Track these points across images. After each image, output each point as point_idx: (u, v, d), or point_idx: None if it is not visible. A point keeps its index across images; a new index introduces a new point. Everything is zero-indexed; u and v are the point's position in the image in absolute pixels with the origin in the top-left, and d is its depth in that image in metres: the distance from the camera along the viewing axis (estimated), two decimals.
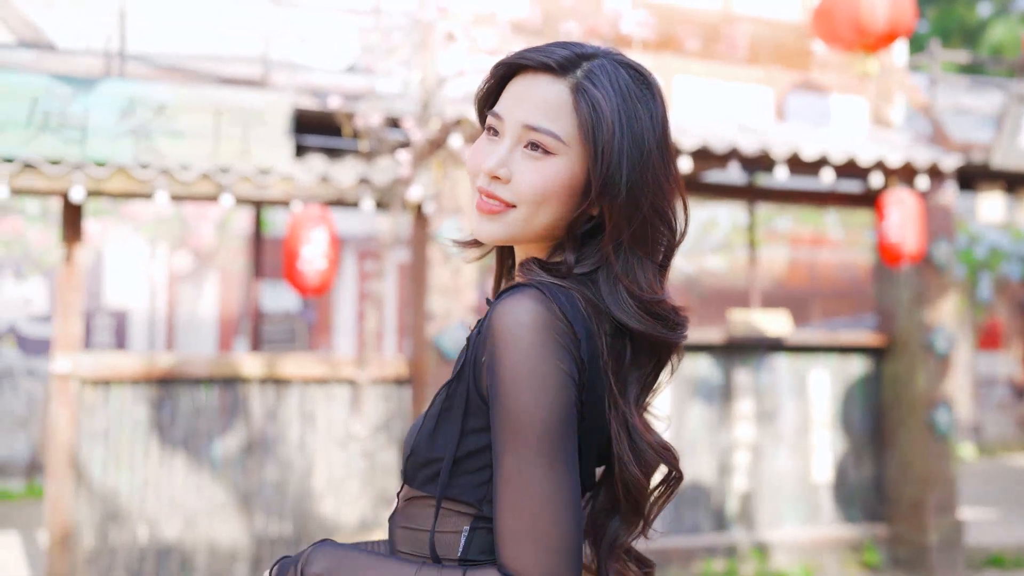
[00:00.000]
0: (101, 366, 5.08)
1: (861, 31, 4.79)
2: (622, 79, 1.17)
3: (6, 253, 9.56)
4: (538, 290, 1.10)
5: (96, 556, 5.01)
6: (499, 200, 1.16)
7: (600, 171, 1.13)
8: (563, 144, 1.15)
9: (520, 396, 1.07)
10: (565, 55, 1.17)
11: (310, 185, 5.01)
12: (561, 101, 1.15)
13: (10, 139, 4.59)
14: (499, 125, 1.18)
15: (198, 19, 5.41)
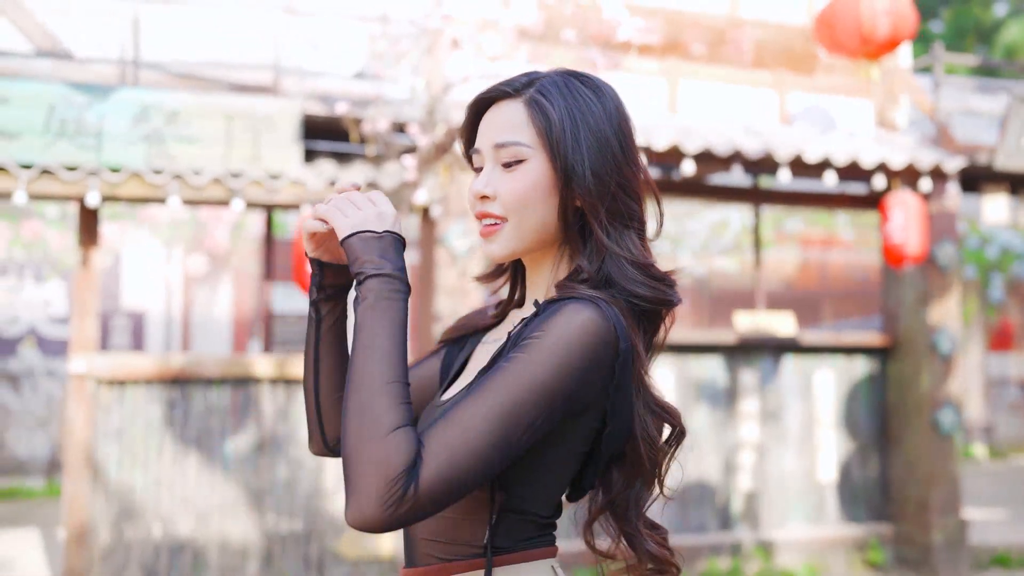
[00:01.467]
0: (116, 367, 5.20)
1: (862, 38, 4.84)
2: (570, 85, 1.31)
3: (26, 256, 9.74)
4: (595, 304, 1.21)
5: (111, 552, 5.13)
6: (492, 216, 1.30)
7: (561, 161, 1.27)
8: (528, 149, 1.28)
9: (539, 359, 1.17)
10: (520, 80, 1.33)
11: (319, 189, 5.12)
12: (519, 115, 1.30)
13: (28, 146, 4.72)
14: (479, 158, 1.33)
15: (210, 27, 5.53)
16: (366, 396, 1.13)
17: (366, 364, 1.15)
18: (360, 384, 1.14)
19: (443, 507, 1.13)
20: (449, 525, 1.27)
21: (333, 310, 1.36)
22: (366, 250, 1.21)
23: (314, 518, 5.42)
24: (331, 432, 1.40)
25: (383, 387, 1.14)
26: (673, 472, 1.38)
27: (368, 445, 1.10)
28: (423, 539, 1.30)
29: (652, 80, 6.17)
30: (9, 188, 4.70)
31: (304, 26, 5.33)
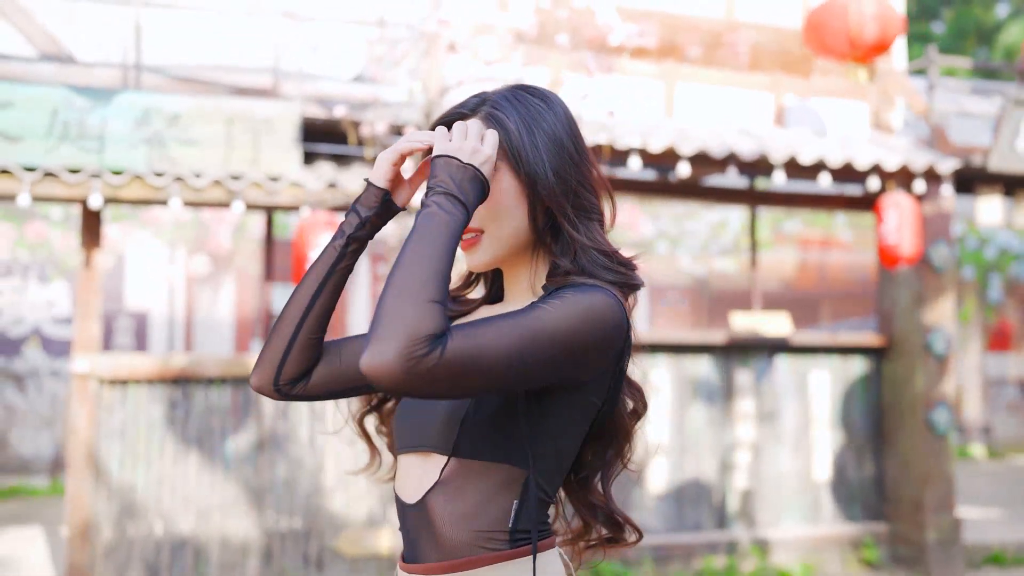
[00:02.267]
0: (119, 366, 5.27)
1: (851, 42, 4.91)
2: (520, 97, 1.40)
3: (31, 257, 9.82)
4: (607, 291, 1.31)
5: (114, 549, 5.20)
6: (470, 230, 1.37)
7: (525, 167, 1.36)
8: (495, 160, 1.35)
9: (562, 312, 1.25)
10: (473, 101, 1.41)
11: (318, 191, 5.19)
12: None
13: (32, 149, 4.79)
14: None
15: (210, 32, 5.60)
16: (413, 271, 1.18)
17: (418, 252, 1.20)
18: (408, 263, 1.19)
19: (452, 387, 1.17)
20: (475, 510, 1.30)
21: (355, 253, 1.39)
22: (447, 171, 1.27)
23: (313, 516, 5.49)
24: (289, 370, 1.39)
25: (430, 272, 1.19)
26: (635, 446, 1.47)
27: (405, 304, 1.15)
28: (445, 530, 1.31)
29: (648, 83, 6.23)
30: (13, 190, 4.77)
31: (303, 30, 5.40)
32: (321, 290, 1.37)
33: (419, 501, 1.34)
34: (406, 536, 1.38)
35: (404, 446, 1.39)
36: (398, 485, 1.41)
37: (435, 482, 1.33)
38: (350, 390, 1.46)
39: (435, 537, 1.32)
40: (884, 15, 4.94)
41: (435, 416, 1.34)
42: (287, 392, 1.42)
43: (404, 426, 1.40)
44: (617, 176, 6.27)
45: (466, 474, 1.32)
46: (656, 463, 6.10)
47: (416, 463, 1.37)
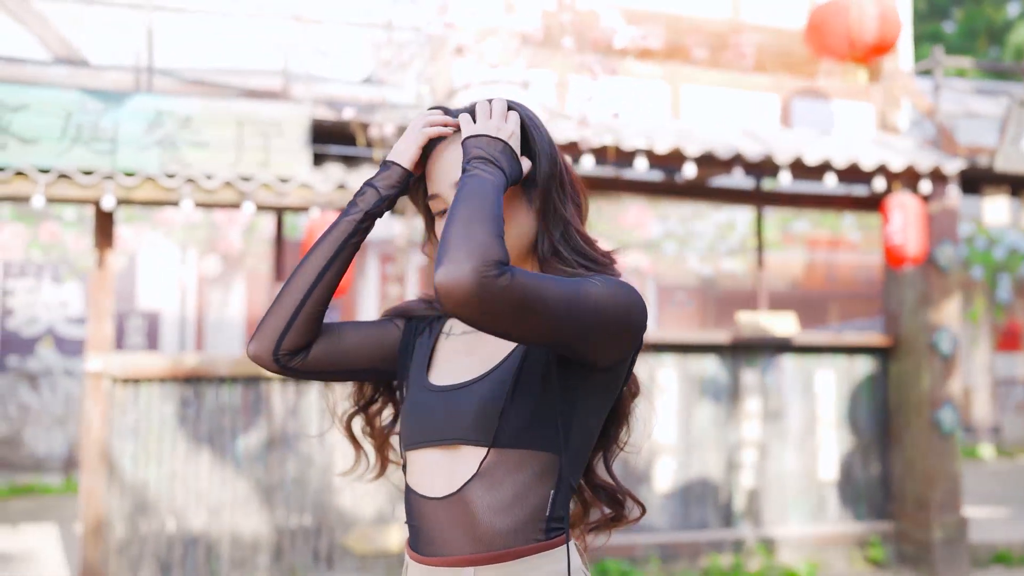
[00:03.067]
0: (131, 365, 5.34)
1: (852, 43, 4.95)
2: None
3: (44, 257, 9.93)
4: (630, 284, 1.37)
5: (127, 545, 5.28)
6: None
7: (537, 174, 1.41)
8: None
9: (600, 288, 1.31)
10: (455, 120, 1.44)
11: (328, 192, 5.25)
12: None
13: (46, 151, 4.88)
14: (440, 202, 1.42)
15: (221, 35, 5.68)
16: (475, 208, 1.23)
17: (474, 200, 1.24)
18: (469, 204, 1.23)
19: (510, 316, 1.20)
20: (515, 500, 1.32)
21: (367, 230, 1.41)
22: (479, 146, 1.33)
23: (323, 513, 5.55)
24: (291, 341, 1.40)
25: (491, 213, 1.24)
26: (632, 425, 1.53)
27: (475, 231, 1.20)
28: (484, 522, 1.32)
29: (654, 84, 6.27)
30: (28, 192, 4.85)
31: (312, 33, 5.46)
32: (332, 262, 1.39)
33: (452, 495, 1.34)
34: (426, 530, 1.37)
35: (421, 441, 1.39)
36: (414, 480, 1.40)
37: (473, 474, 1.33)
38: (344, 373, 1.48)
39: (472, 529, 1.32)
40: (885, 16, 4.97)
41: (466, 409, 1.35)
42: (284, 363, 1.41)
43: (420, 422, 1.40)
44: (624, 177, 6.32)
45: (506, 465, 1.33)
46: (662, 462, 6.14)
47: (440, 457, 1.37)
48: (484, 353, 1.42)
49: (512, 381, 1.34)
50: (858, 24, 5.02)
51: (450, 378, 1.42)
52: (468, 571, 1.31)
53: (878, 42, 5.02)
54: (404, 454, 1.45)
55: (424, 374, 1.45)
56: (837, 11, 5.11)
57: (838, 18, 5.13)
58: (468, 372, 1.41)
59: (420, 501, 1.38)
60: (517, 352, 1.37)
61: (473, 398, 1.35)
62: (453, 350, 1.47)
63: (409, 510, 1.42)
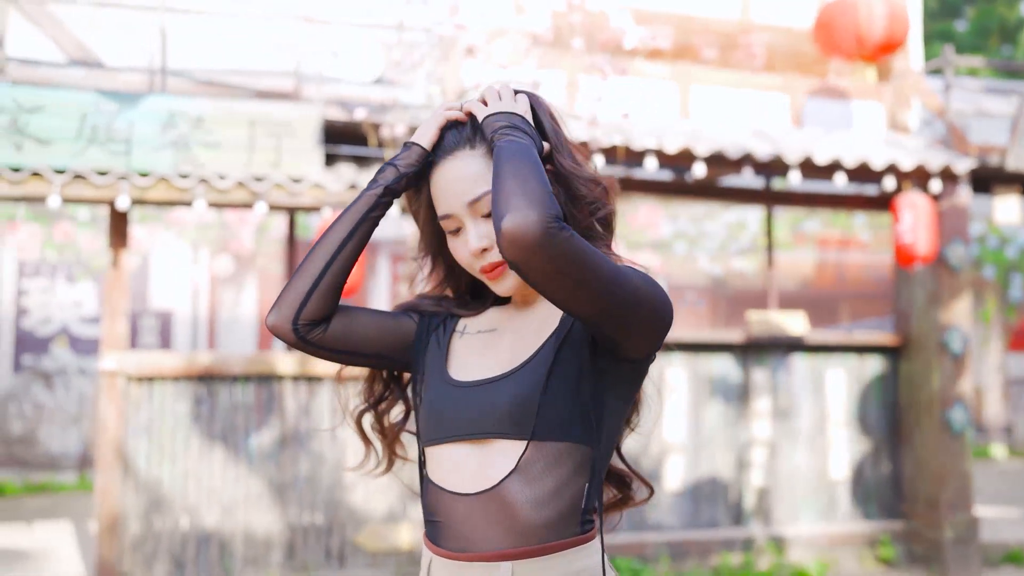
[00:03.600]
0: (145, 364, 5.40)
1: (860, 41, 4.95)
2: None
3: (59, 257, 10.01)
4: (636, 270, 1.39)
5: (141, 542, 5.33)
6: (496, 264, 1.40)
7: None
8: None
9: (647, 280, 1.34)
10: (459, 135, 1.42)
11: (339, 192, 5.29)
12: (478, 164, 1.40)
13: (62, 151, 4.93)
14: (453, 221, 1.42)
15: (234, 37, 5.72)
16: (525, 165, 1.25)
17: (520, 160, 1.26)
18: (516, 162, 1.25)
19: (564, 271, 1.22)
20: (554, 493, 1.32)
21: (386, 205, 1.43)
22: (501, 119, 1.34)
23: (335, 510, 5.59)
24: (310, 311, 1.40)
25: (540, 170, 1.26)
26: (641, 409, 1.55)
27: (534, 186, 1.22)
28: (523, 516, 1.31)
29: (663, 85, 6.29)
30: (44, 192, 4.91)
31: (324, 34, 5.50)
32: (352, 234, 1.40)
33: (488, 490, 1.34)
34: (455, 526, 1.36)
35: (447, 436, 1.39)
36: (440, 476, 1.39)
37: (512, 469, 1.33)
38: (358, 356, 1.48)
39: (511, 524, 1.32)
40: (894, 14, 4.98)
41: (501, 403, 1.35)
42: (303, 334, 1.42)
43: (445, 417, 1.40)
44: (634, 177, 6.34)
45: (545, 458, 1.33)
46: (672, 461, 6.16)
47: (469, 452, 1.37)
48: (507, 350, 1.43)
49: (546, 374, 1.34)
50: (866, 22, 5.03)
51: (473, 374, 1.42)
52: (505, 566, 1.31)
53: (887, 40, 5.03)
54: (423, 450, 1.44)
55: (444, 370, 1.45)
56: (845, 9, 5.12)
57: (846, 16, 5.13)
58: (492, 368, 1.41)
59: (448, 497, 1.37)
60: (549, 346, 1.38)
61: (506, 392, 1.35)
62: (471, 348, 1.48)
63: (433, 506, 1.40)
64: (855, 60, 5.17)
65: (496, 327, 1.49)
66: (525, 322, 1.46)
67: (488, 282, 1.43)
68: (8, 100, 4.86)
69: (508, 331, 1.47)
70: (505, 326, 1.48)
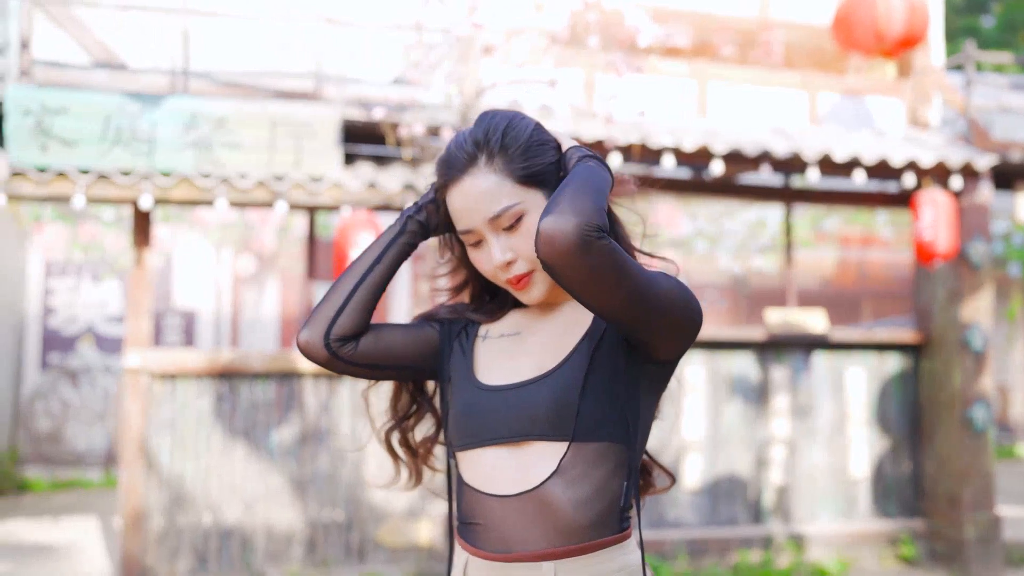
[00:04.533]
0: (168, 361, 5.47)
1: (879, 37, 4.94)
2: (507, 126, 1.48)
3: (84, 257, 10.15)
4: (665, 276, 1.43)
5: (164, 537, 5.41)
6: (522, 276, 1.42)
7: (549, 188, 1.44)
8: (521, 202, 1.41)
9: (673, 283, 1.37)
10: (468, 152, 1.43)
11: (358, 191, 5.34)
12: (493, 180, 1.41)
13: (86, 152, 5.02)
14: (474, 235, 1.44)
15: (254, 38, 5.79)
16: (591, 181, 1.30)
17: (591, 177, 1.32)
18: (586, 178, 1.30)
19: (600, 277, 1.26)
20: (596, 493, 1.35)
21: (415, 237, 1.48)
22: (586, 151, 1.41)
23: (355, 507, 5.65)
24: (342, 327, 1.43)
25: (600, 190, 1.30)
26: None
27: (586, 199, 1.26)
28: (565, 516, 1.34)
29: (681, 82, 6.29)
30: (69, 192, 5.00)
31: (344, 35, 5.56)
32: (381, 258, 1.45)
33: (528, 491, 1.35)
34: (494, 527, 1.38)
35: (482, 440, 1.40)
36: (476, 479, 1.41)
37: (553, 471, 1.35)
38: (388, 369, 1.50)
39: (554, 524, 1.34)
40: (913, 10, 4.96)
41: (538, 406, 1.37)
42: (335, 350, 1.44)
43: (478, 421, 1.41)
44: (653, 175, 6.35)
45: (585, 459, 1.35)
46: (691, 459, 6.16)
47: (506, 455, 1.38)
48: (536, 353, 1.45)
49: (584, 376, 1.36)
50: (885, 18, 5.01)
51: (503, 378, 1.44)
52: (548, 566, 1.33)
53: (906, 36, 5.01)
54: (455, 454, 1.46)
55: (472, 374, 1.47)
56: (864, 5, 5.11)
57: (866, 12, 5.12)
58: (522, 371, 1.43)
59: (486, 499, 1.39)
60: (583, 348, 1.40)
61: (544, 395, 1.37)
62: (496, 352, 1.50)
63: (469, 509, 1.42)
64: (874, 56, 5.16)
65: (520, 330, 1.51)
66: (551, 324, 1.49)
67: (515, 292, 1.45)
68: (34, 102, 4.95)
69: (533, 334, 1.49)
70: (529, 329, 1.50)
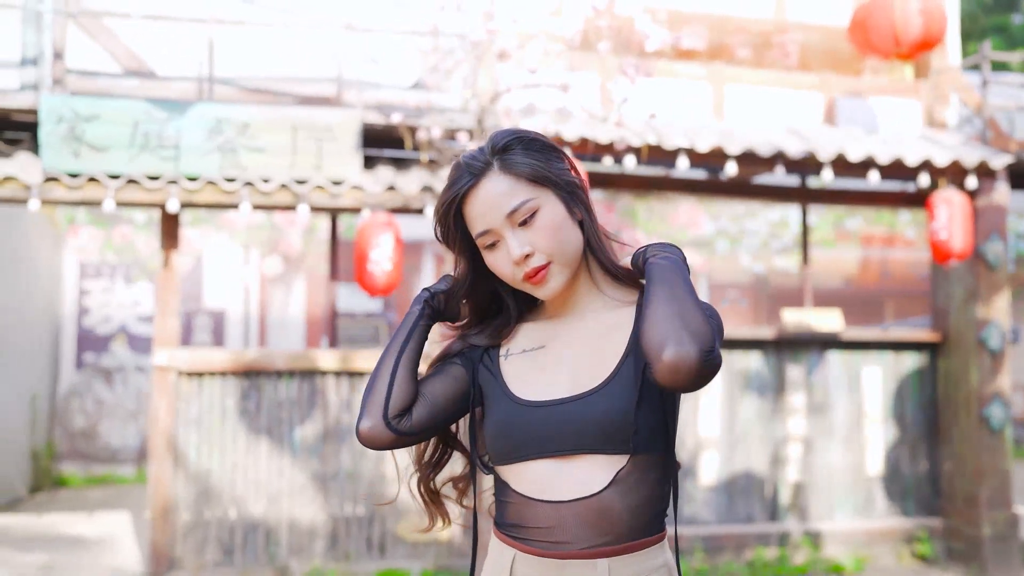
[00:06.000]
0: (195, 360, 5.64)
1: (896, 40, 4.98)
2: (514, 134, 1.57)
3: (118, 259, 10.40)
4: None
5: (192, 530, 5.58)
6: (539, 268, 1.50)
7: (561, 187, 1.53)
8: (535, 198, 1.50)
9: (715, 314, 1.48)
10: (481, 160, 1.53)
11: (378, 193, 5.48)
12: (507, 182, 1.51)
13: (116, 158, 5.20)
14: (490, 236, 1.52)
15: (277, 45, 5.95)
16: (681, 291, 1.38)
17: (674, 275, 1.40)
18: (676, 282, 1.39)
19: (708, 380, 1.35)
20: (650, 499, 1.45)
21: (431, 320, 1.58)
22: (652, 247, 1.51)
23: (376, 502, 5.78)
24: (395, 405, 1.51)
25: (694, 295, 1.40)
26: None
27: (694, 316, 1.34)
28: (624, 520, 1.42)
29: (697, 85, 6.37)
30: (99, 196, 5.18)
31: (364, 42, 5.69)
32: (408, 342, 1.55)
33: (585, 498, 1.42)
34: (545, 529, 1.44)
35: (531, 454, 1.46)
36: (525, 488, 1.46)
37: (610, 482, 1.42)
38: (444, 422, 1.59)
39: (607, 528, 1.42)
40: (930, 11, 4.99)
41: (590, 420, 1.44)
42: (396, 426, 1.52)
43: (524, 435, 1.47)
44: (671, 176, 6.43)
45: (640, 470, 1.44)
46: (707, 456, 6.23)
47: (558, 466, 1.44)
48: (570, 365, 1.52)
49: (638, 391, 1.44)
50: (902, 20, 5.05)
51: (541, 393, 1.49)
52: (603, 563, 1.41)
53: (923, 38, 5.04)
54: (499, 467, 1.52)
55: (508, 391, 1.53)
56: (881, 7, 5.14)
57: (882, 14, 5.16)
58: (563, 384, 1.49)
59: (538, 505, 1.45)
60: (631, 364, 1.47)
61: (595, 411, 1.44)
62: (526, 368, 1.56)
63: (518, 515, 1.47)
64: (891, 59, 5.19)
65: (544, 343, 1.57)
66: (578, 335, 1.55)
67: (531, 288, 1.52)
68: (67, 110, 5.14)
69: (560, 345, 1.55)
70: (554, 341, 1.56)
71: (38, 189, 5.14)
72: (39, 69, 5.44)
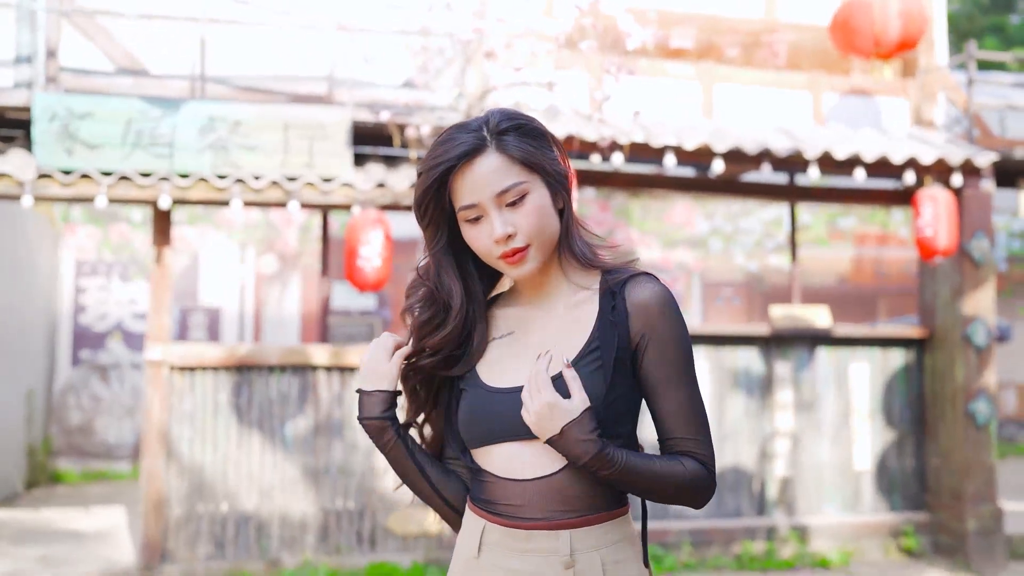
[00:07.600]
0: (188, 354, 5.70)
1: (876, 40, 5.04)
2: (509, 115, 1.58)
3: (114, 257, 10.47)
4: (655, 276, 1.56)
5: (184, 523, 5.64)
6: (518, 249, 1.54)
7: (552, 175, 1.57)
8: (526, 181, 1.54)
9: (687, 346, 1.55)
10: (479, 135, 1.54)
11: (368, 190, 5.54)
12: (501, 161, 1.53)
13: (109, 155, 5.26)
14: (475, 211, 1.54)
15: (270, 45, 6.01)
16: (648, 479, 1.51)
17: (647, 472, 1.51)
18: (653, 482, 1.51)
19: None
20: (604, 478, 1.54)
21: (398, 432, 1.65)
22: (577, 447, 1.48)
23: (367, 496, 5.84)
24: (450, 496, 1.64)
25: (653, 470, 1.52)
26: None
27: (673, 485, 1.51)
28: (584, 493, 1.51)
29: (687, 84, 6.43)
30: (92, 193, 5.25)
31: (355, 41, 5.76)
32: (408, 453, 1.65)
33: (546, 476, 1.50)
34: (513, 504, 1.52)
35: (499, 438, 1.53)
36: (495, 467, 1.54)
37: (567, 462, 1.49)
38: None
39: (569, 502, 1.51)
40: (910, 12, 5.05)
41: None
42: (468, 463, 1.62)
43: (492, 421, 1.54)
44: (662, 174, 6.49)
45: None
46: None
47: (524, 446, 1.52)
48: (535, 352, 1.56)
49: (605, 387, 1.51)
50: (881, 21, 5.12)
51: (511, 380, 1.55)
52: (564, 534, 1.50)
53: (902, 39, 5.11)
54: (472, 450, 1.58)
55: (477, 378, 1.59)
56: (861, 8, 5.21)
57: (862, 15, 5.23)
58: (526, 373, 1.53)
59: (506, 483, 1.53)
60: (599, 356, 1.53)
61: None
62: (494, 356, 1.61)
63: (489, 492, 1.55)
64: (872, 59, 5.26)
65: (513, 330, 1.62)
66: (546, 321, 1.60)
67: (505, 266, 1.55)
68: (60, 108, 5.20)
69: (530, 333, 1.60)
70: (523, 328, 1.61)
71: (31, 186, 5.20)
72: (33, 67, 5.51)
